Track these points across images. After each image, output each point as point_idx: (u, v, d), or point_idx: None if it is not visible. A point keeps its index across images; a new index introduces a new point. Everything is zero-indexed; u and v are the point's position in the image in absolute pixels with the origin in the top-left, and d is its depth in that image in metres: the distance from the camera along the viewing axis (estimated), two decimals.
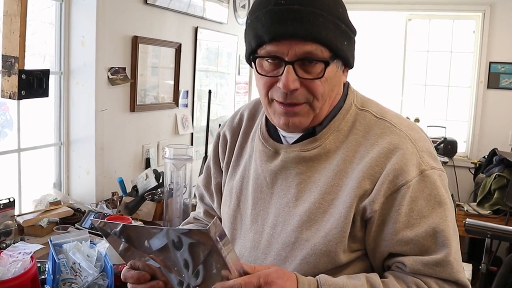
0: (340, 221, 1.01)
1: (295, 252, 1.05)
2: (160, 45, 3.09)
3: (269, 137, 1.15)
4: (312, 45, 0.96)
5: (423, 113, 4.69)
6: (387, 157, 1.01)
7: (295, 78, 0.98)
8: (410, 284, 0.98)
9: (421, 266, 0.98)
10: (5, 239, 1.99)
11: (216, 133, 1.33)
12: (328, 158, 1.07)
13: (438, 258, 0.97)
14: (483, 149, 4.33)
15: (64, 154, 2.65)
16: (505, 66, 4.33)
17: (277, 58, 0.99)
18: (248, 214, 1.16)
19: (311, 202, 1.05)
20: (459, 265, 0.99)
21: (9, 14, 1.73)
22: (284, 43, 0.96)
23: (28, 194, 2.48)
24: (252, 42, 1.02)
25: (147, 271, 0.99)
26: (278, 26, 0.95)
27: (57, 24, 2.55)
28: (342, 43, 1.00)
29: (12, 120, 2.47)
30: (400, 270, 1.01)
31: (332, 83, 1.03)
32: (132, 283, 1.00)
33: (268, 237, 1.10)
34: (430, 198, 1.00)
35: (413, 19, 4.77)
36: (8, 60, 1.75)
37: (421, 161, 1.01)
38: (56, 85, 2.58)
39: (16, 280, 1.35)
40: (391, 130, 1.05)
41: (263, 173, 1.14)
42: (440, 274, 0.97)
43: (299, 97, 1.01)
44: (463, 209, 3.57)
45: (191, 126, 3.56)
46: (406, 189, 0.99)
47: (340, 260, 1.03)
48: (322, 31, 0.96)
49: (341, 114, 1.09)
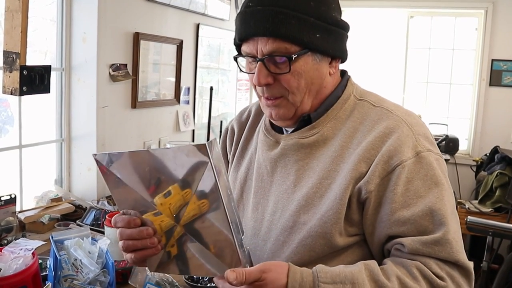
0: (335, 203, 1.02)
1: (292, 236, 1.07)
2: (161, 42, 3.09)
3: (271, 128, 1.20)
4: (274, 42, 1.02)
5: (424, 110, 4.68)
6: (382, 140, 1.02)
7: (266, 73, 1.04)
8: (410, 268, 0.96)
9: (420, 245, 0.97)
10: (7, 236, 1.99)
11: (225, 127, 1.38)
12: (326, 145, 1.09)
13: (436, 236, 0.96)
14: (485, 147, 4.32)
15: (65, 150, 2.65)
16: (507, 63, 4.31)
17: (252, 57, 1.06)
18: (250, 203, 1.19)
19: (308, 187, 1.07)
20: (459, 245, 0.98)
21: (10, 9, 1.72)
22: (251, 42, 1.04)
23: (30, 191, 2.48)
24: (234, 45, 1.13)
25: (138, 217, 0.98)
26: (244, 27, 1.05)
27: (59, 20, 2.54)
28: (311, 36, 1.03)
29: (13, 116, 2.47)
30: (399, 252, 1.00)
31: (309, 76, 1.06)
32: (121, 226, 0.99)
33: (267, 224, 1.12)
34: (426, 179, 1.00)
35: (415, 16, 4.76)
36: (9, 56, 1.75)
37: (417, 143, 1.03)
38: (57, 81, 2.58)
39: (18, 276, 1.35)
40: (388, 116, 1.07)
41: (264, 162, 1.17)
42: (439, 253, 0.96)
43: (273, 91, 1.07)
44: (465, 207, 3.56)
45: (192, 123, 3.55)
46: (401, 169, 0.99)
47: (336, 243, 1.03)
48: (282, 28, 1.01)
49: (339, 104, 1.12)
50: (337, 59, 1.11)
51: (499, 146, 3.90)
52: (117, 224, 1.00)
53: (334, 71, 1.12)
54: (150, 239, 0.97)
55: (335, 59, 1.10)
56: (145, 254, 0.99)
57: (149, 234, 0.97)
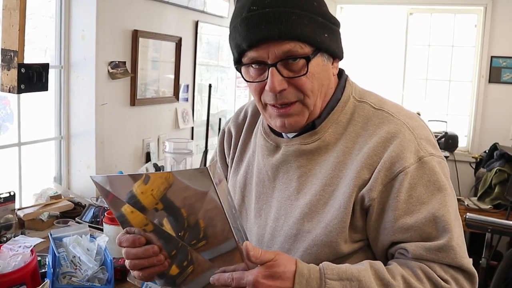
0: (340, 212, 1.01)
1: (297, 244, 1.06)
2: (160, 39, 3.09)
3: (271, 131, 1.17)
4: (289, 43, 0.98)
5: (424, 107, 4.68)
6: (384, 146, 1.01)
7: (281, 78, 1.00)
8: (415, 269, 0.96)
9: (423, 251, 0.97)
10: (6, 233, 1.99)
11: (221, 128, 1.35)
12: (328, 151, 1.08)
13: (440, 243, 0.96)
14: (484, 144, 4.32)
15: (65, 148, 2.65)
16: (506, 60, 4.31)
17: (260, 63, 1.01)
18: (252, 208, 1.18)
19: (312, 194, 1.06)
20: (462, 250, 0.97)
21: (8, 7, 1.72)
22: (262, 47, 0.99)
23: (29, 188, 2.48)
24: (235, 52, 1.05)
25: (142, 235, 0.98)
26: (253, 32, 0.98)
27: (57, 17, 2.54)
28: (321, 36, 1.01)
29: (13, 114, 2.48)
30: (403, 256, 1.00)
31: (320, 77, 1.04)
32: (126, 246, 0.99)
33: (271, 231, 1.11)
34: (429, 185, 0.99)
35: (414, 13, 4.75)
36: (7, 54, 1.75)
37: (419, 148, 1.01)
38: (56, 79, 2.58)
39: (16, 273, 1.36)
40: (389, 120, 1.05)
41: (265, 168, 1.15)
42: (443, 259, 0.96)
43: (289, 96, 1.02)
44: (464, 204, 3.57)
45: (191, 120, 3.55)
46: (403, 176, 0.98)
47: (341, 250, 1.03)
48: (297, 28, 0.97)
49: (339, 107, 1.10)
50: (337, 59, 1.10)
51: (498, 143, 3.90)
52: (122, 244, 1.00)
53: (335, 72, 1.11)
54: (156, 256, 0.97)
55: (335, 59, 1.09)
56: (153, 272, 1.00)
57: (155, 252, 0.97)
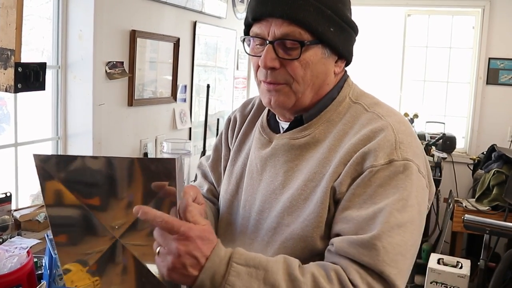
0: (316, 206, 1.01)
1: (275, 237, 1.06)
2: (158, 40, 3.08)
3: (268, 127, 1.18)
4: (289, 26, 1.00)
5: (422, 109, 4.68)
6: (364, 143, 1.00)
7: (274, 57, 1.02)
8: (329, 270, 0.92)
9: (346, 243, 0.93)
10: (2, 234, 1.98)
11: (228, 116, 1.36)
12: (316, 147, 1.08)
13: (363, 237, 0.91)
14: (482, 145, 4.32)
15: (62, 148, 2.64)
16: (504, 62, 4.32)
17: (261, 39, 1.05)
18: (242, 200, 1.18)
19: (294, 188, 1.06)
20: (390, 258, 0.90)
21: (5, 6, 1.71)
22: (265, 23, 1.03)
23: (25, 189, 2.47)
24: (245, 25, 1.11)
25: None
26: (260, 6, 1.03)
27: (55, 17, 2.53)
28: (325, 28, 1.02)
29: (10, 114, 2.46)
30: (329, 252, 0.98)
31: (315, 69, 1.04)
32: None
33: (254, 223, 1.11)
34: (389, 188, 0.95)
35: (412, 14, 4.76)
36: (4, 53, 1.74)
37: (395, 151, 0.98)
38: (53, 79, 2.57)
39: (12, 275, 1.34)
40: (376, 120, 1.04)
41: (255, 160, 1.16)
42: (363, 256, 0.90)
43: (278, 77, 1.04)
44: (462, 205, 3.57)
45: (189, 121, 3.54)
46: (370, 173, 0.96)
47: (317, 246, 1.01)
48: (300, 13, 1.00)
49: (333, 106, 1.10)
50: (343, 59, 1.10)
51: (496, 145, 3.91)
52: None
53: (338, 71, 1.11)
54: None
55: (341, 58, 1.09)
56: None
57: None
